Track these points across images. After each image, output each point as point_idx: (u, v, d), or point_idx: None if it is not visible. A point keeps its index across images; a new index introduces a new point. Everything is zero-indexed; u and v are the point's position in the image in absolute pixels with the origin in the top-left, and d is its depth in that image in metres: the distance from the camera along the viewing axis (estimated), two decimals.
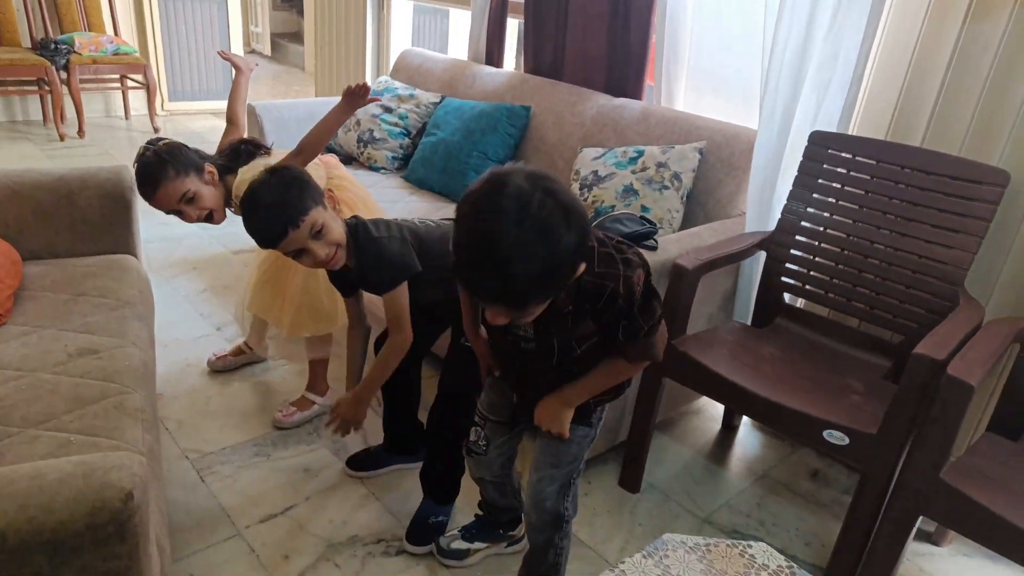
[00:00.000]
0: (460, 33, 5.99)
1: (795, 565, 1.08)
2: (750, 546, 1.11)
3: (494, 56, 3.02)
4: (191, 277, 2.85)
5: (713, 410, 2.33)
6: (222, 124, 2.24)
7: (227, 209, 1.91)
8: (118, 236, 1.85)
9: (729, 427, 2.26)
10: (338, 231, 1.44)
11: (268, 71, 7.51)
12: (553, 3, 2.65)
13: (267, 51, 8.24)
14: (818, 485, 2.03)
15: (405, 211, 2.48)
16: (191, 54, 5.25)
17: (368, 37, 3.70)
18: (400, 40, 3.70)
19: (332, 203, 1.86)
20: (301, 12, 8.02)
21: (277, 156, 1.86)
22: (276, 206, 1.35)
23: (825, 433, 1.51)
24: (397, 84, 3.02)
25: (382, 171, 2.87)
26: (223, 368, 2.24)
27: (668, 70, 2.44)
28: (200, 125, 5.08)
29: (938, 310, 1.72)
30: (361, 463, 1.88)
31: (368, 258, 1.48)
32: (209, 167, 1.82)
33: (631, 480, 1.91)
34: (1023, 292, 1.72)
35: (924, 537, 1.83)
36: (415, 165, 2.76)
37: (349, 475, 1.86)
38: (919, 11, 1.76)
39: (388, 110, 2.90)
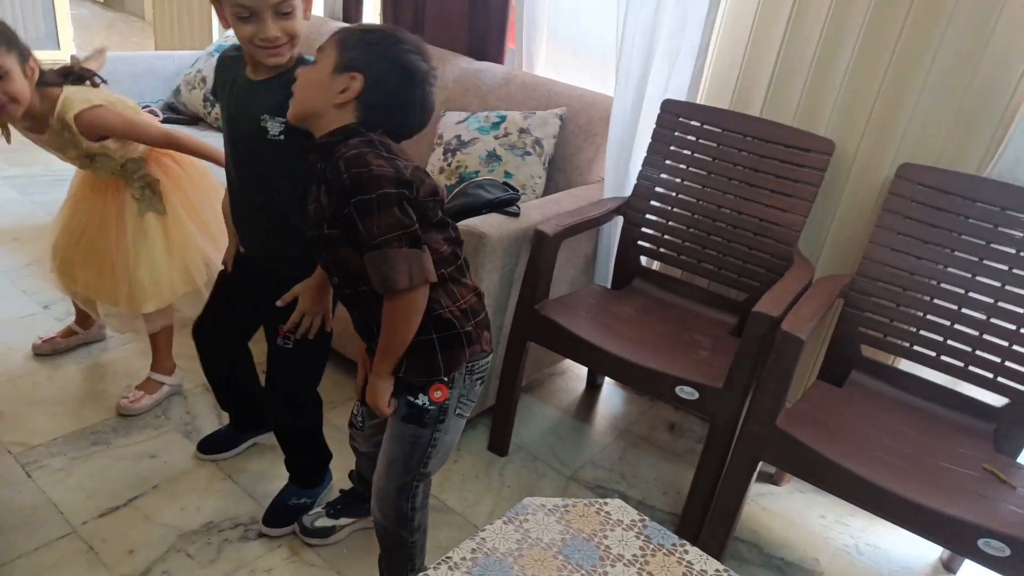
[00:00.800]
0: None
1: (647, 518, 1.14)
2: (606, 503, 1.15)
3: (351, 13, 2.89)
4: (10, 249, 2.54)
5: (578, 370, 2.40)
6: None
7: (21, 122, 1.63)
8: None
9: (593, 386, 2.34)
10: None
11: (102, 19, 6.78)
12: None
13: None
14: (674, 436, 2.15)
15: None
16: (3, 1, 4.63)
17: None
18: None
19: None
20: None
21: (110, 98, 1.65)
22: None
23: (677, 389, 1.60)
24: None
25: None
26: (51, 352, 2.03)
27: (528, 34, 2.44)
28: None
29: (775, 269, 1.86)
30: (214, 445, 1.77)
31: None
32: (32, 62, 1.55)
33: (499, 443, 1.94)
34: (846, 251, 1.89)
35: (766, 479, 2.00)
36: None
37: (202, 459, 1.75)
38: None
39: None
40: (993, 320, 1.62)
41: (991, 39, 1.59)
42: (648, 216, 2.04)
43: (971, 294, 1.64)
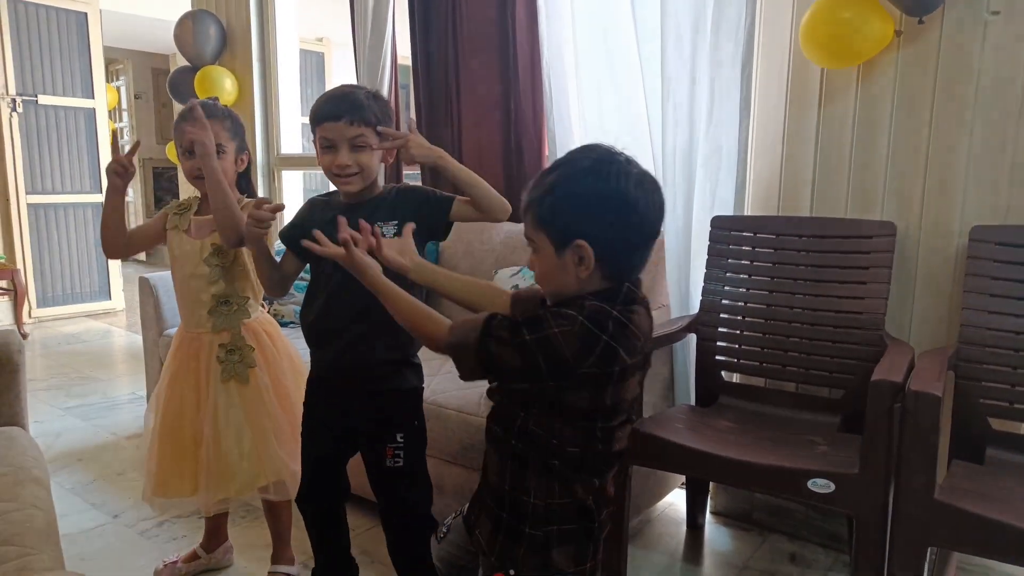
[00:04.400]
0: None
1: None
2: None
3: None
4: (75, 469, 2.49)
5: (673, 513, 2.22)
6: (97, 326, 2.07)
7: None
8: (4, 406, 1.60)
9: (695, 527, 2.15)
10: (374, 170, 1.43)
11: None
12: (448, 140, 2.78)
13: (142, 256, 8.04)
14: (800, 567, 1.93)
15: None
16: (62, 258, 5.02)
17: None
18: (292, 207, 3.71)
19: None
20: None
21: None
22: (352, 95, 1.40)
23: (809, 483, 1.46)
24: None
25: (291, 324, 2.74)
26: None
27: None
28: (72, 328, 4.74)
29: (869, 357, 1.79)
30: None
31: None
32: (246, 156, 1.74)
33: None
34: (936, 326, 1.84)
35: None
36: None
37: None
38: (780, 99, 2.00)
39: None
40: None
41: (1023, 94, 1.68)
42: (720, 329, 2.02)
43: None
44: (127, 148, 7.61)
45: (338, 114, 1.37)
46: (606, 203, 0.97)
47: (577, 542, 1.04)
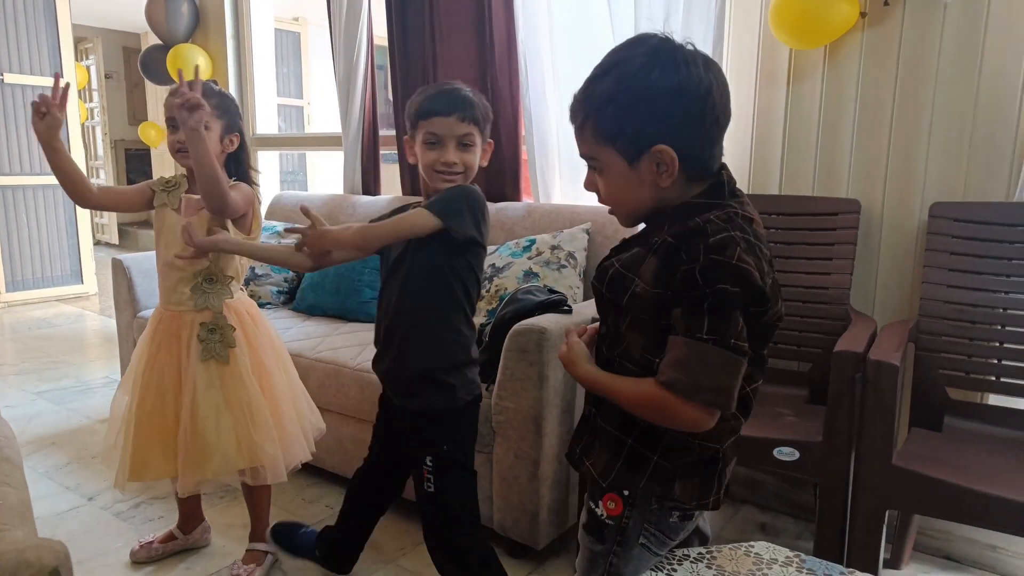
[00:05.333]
0: (321, 169, 6.19)
1: (801, 554, 1.03)
2: (752, 546, 1.05)
3: (371, 187, 3.09)
4: (49, 453, 2.48)
5: None
6: (69, 310, 2.04)
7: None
8: None
9: None
10: (475, 170, 1.43)
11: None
12: None
13: (115, 240, 7.92)
14: (770, 535, 1.99)
15: (301, 334, 2.36)
16: (31, 241, 4.93)
17: None
18: (268, 187, 3.69)
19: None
20: None
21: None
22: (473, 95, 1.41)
23: (775, 451, 1.51)
24: (274, 222, 2.98)
25: (268, 306, 2.74)
26: (147, 559, 1.83)
27: (543, 178, 2.60)
28: (43, 313, 4.67)
29: (834, 331, 1.83)
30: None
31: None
32: (235, 138, 1.71)
33: None
34: (899, 300, 1.90)
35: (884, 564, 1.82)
36: (304, 293, 2.67)
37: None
38: (750, 80, 2.03)
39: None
40: None
41: (981, 75, 1.73)
42: None
43: None
44: (95, 127, 7.44)
45: (449, 110, 1.36)
46: (679, 98, 0.87)
47: (703, 476, 0.98)
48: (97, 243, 7.89)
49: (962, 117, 1.76)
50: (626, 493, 0.99)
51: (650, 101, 0.88)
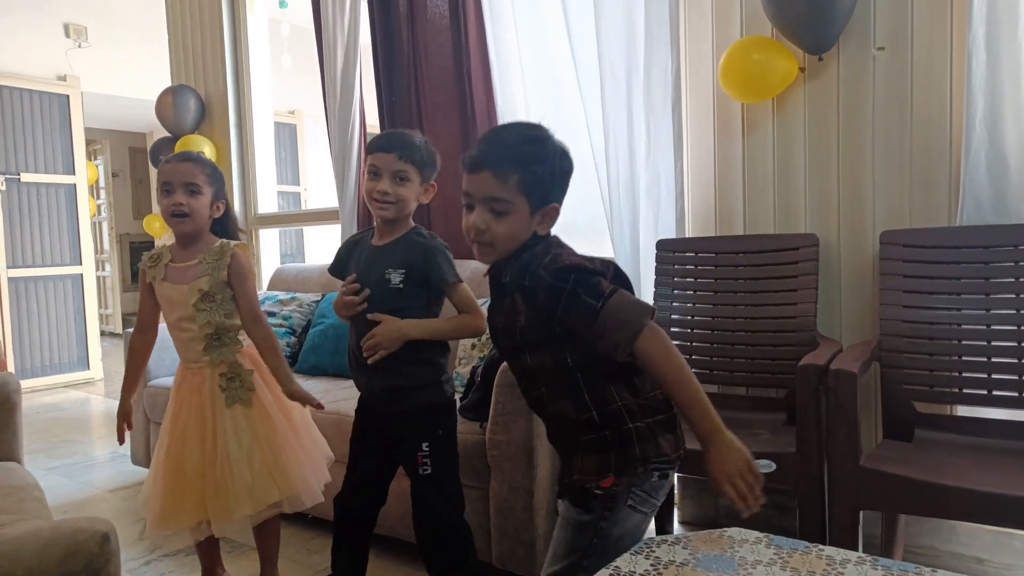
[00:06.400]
0: (318, 244, 6.45)
1: (770, 535, 1.13)
2: (725, 531, 1.15)
3: (361, 222, 3.25)
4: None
5: None
6: (76, 395, 2.16)
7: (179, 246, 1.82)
8: (2, 443, 1.71)
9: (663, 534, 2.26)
10: (409, 203, 1.62)
11: (120, 347, 7.29)
12: None
13: (118, 329, 8.07)
14: None
15: None
16: (41, 330, 5.08)
17: None
18: (269, 261, 3.87)
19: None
20: None
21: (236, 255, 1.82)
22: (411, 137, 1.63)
23: None
24: (276, 292, 3.14)
25: None
26: None
27: None
28: (51, 398, 4.77)
29: (804, 356, 1.96)
30: None
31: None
32: (222, 205, 1.83)
33: None
34: (862, 324, 2.03)
35: None
36: (305, 355, 2.80)
37: None
38: (708, 133, 2.24)
39: (271, 314, 2.98)
40: None
41: (913, 114, 1.92)
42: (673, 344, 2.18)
43: (994, 327, 1.75)
44: (103, 222, 7.71)
45: (390, 148, 1.58)
46: (569, 175, 1.24)
47: (673, 430, 1.21)
48: (102, 333, 8.04)
49: (900, 153, 1.94)
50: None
51: (561, 176, 1.23)
